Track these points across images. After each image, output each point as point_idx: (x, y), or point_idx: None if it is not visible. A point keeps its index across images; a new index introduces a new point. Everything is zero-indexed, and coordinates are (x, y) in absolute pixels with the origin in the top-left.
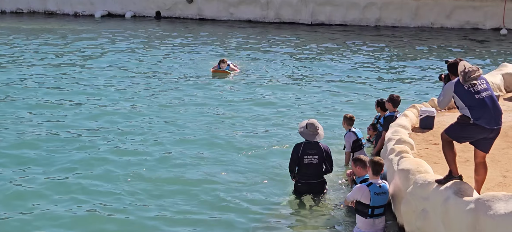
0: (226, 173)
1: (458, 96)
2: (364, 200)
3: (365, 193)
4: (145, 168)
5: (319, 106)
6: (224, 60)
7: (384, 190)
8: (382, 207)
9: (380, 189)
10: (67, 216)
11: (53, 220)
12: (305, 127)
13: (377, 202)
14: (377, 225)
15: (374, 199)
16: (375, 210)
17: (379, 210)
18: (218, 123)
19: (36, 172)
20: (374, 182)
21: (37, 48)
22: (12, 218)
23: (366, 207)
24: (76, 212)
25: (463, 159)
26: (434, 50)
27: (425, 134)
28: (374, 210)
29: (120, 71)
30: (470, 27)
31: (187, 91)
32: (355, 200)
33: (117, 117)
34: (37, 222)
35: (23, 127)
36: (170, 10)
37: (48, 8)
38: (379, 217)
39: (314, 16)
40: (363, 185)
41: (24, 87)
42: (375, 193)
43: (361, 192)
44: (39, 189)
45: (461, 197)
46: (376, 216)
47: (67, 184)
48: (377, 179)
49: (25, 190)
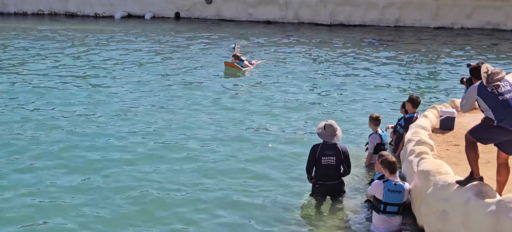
0: (242, 174)
1: (481, 99)
2: (378, 195)
3: (380, 188)
4: (160, 164)
5: (337, 107)
6: (237, 55)
7: (400, 189)
8: (396, 206)
9: (394, 187)
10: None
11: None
12: (323, 128)
13: (390, 199)
14: (392, 223)
15: (387, 195)
16: (387, 207)
17: (392, 207)
18: (233, 123)
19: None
20: (390, 180)
21: (57, 48)
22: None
23: (379, 202)
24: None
25: (484, 160)
26: (454, 51)
27: (445, 135)
28: (386, 207)
29: (138, 71)
30: (491, 27)
31: (206, 90)
32: (372, 195)
33: (133, 116)
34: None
35: (47, 126)
36: (189, 10)
37: (68, 9)
38: (394, 216)
39: (333, 17)
40: (379, 181)
41: (43, 89)
42: (388, 189)
43: (377, 188)
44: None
45: (482, 199)
46: (389, 213)
47: (95, 183)
48: (394, 177)
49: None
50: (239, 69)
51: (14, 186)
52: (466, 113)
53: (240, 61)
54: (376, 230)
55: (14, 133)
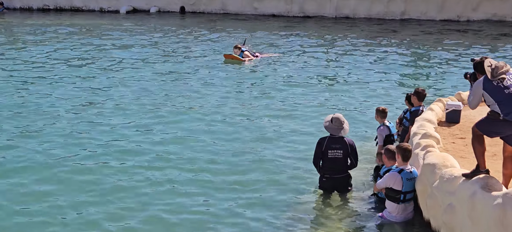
0: (249, 168)
1: (487, 93)
2: (396, 187)
3: (397, 179)
4: (163, 160)
5: (343, 100)
6: (238, 46)
7: (414, 176)
8: (412, 192)
9: (410, 174)
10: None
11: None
12: (330, 121)
13: (409, 187)
14: (408, 209)
15: (406, 184)
16: (406, 195)
17: (410, 195)
18: (238, 115)
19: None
20: (404, 168)
21: (64, 44)
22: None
23: (398, 193)
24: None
25: (490, 153)
26: (460, 44)
27: (451, 128)
28: (406, 196)
29: (143, 65)
30: (497, 19)
31: (212, 82)
32: (386, 187)
33: (137, 110)
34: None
35: (53, 121)
36: (195, 5)
37: (74, 4)
38: (410, 202)
39: (338, 10)
40: (394, 172)
41: (50, 84)
42: (407, 179)
43: (394, 179)
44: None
45: (488, 192)
46: (407, 200)
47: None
48: (406, 165)
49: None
50: (239, 60)
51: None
52: (471, 106)
53: (241, 52)
54: (394, 218)
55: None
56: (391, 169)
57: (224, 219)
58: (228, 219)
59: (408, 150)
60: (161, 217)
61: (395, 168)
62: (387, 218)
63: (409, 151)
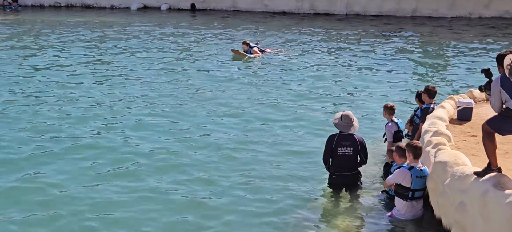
0: (259, 166)
1: (504, 90)
2: (405, 184)
3: (407, 176)
4: (171, 156)
5: (353, 97)
6: (247, 42)
7: (425, 174)
8: (422, 191)
9: (421, 172)
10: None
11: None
12: (340, 119)
13: (418, 185)
14: (417, 207)
15: (415, 182)
16: (415, 193)
17: (419, 193)
18: (247, 112)
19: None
20: (414, 166)
21: (74, 40)
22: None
23: (406, 190)
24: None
25: (502, 151)
26: (472, 41)
27: (462, 126)
28: (414, 193)
29: (152, 63)
30: (510, 16)
31: (220, 79)
32: (395, 183)
33: (141, 107)
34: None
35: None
36: (205, 2)
37: (85, 1)
38: (418, 200)
39: (349, 7)
40: (404, 168)
41: (60, 83)
42: (416, 176)
43: (403, 176)
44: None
45: (500, 190)
46: (416, 198)
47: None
48: (417, 163)
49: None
50: (245, 55)
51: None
52: (483, 103)
53: (249, 47)
54: (402, 216)
55: (27, 120)
56: (401, 166)
57: (231, 216)
58: (236, 216)
59: (419, 148)
60: (164, 216)
61: (406, 165)
62: (396, 216)
63: (420, 148)
